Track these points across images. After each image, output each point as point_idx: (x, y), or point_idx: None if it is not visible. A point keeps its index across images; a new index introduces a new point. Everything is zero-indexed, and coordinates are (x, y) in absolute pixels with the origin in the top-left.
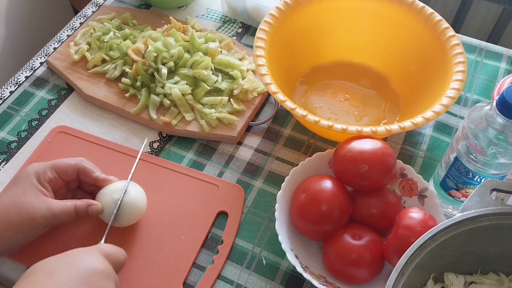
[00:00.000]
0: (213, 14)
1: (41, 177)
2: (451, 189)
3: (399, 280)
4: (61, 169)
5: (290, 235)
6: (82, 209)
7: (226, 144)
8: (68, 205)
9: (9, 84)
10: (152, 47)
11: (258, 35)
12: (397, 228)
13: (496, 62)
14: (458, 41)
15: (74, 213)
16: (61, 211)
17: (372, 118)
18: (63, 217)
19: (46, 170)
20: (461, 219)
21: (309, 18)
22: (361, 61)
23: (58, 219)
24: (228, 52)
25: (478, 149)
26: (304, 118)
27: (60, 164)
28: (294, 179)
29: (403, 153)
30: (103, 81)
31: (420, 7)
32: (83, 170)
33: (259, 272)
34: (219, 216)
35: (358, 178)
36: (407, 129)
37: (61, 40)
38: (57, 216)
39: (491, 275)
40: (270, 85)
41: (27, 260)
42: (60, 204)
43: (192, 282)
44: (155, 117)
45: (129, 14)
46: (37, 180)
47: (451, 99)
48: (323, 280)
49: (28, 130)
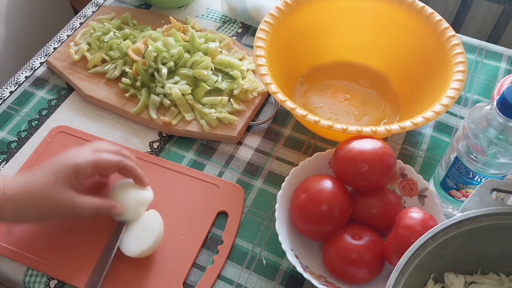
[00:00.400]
0: (213, 14)
1: (79, 174)
2: (451, 189)
3: (399, 280)
4: (103, 167)
5: (290, 235)
6: (104, 210)
7: (226, 144)
8: (92, 204)
9: (9, 84)
10: (152, 47)
11: (258, 35)
12: (397, 228)
13: (496, 62)
14: (458, 41)
15: (96, 212)
16: (84, 209)
17: (372, 118)
18: (84, 213)
19: (88, 166)
20: (461, 219)
21: (309, 18)
22: (361, 61)
23: (78, 214)
24: (228, 52)
25: (479, 149)
26: (304, 118)
27: (102, 162)
28: (294, 179)
29: (403, 153)
30: (103, 81)
31: (420, 7)
32: (124, 168)
33: (259, 272)
34: (219, 216)
35: (358, 178)
36: (407, 129)
37: (61, 40)
38: (78, 212)
39: (491, 275)
40: (270, 85)
41: (27, 260)
42: (83, 202)
43: (192, 282)
44: (155, 117)
45: (129, 14)
46: (74, 176)
47: (451, 99)
48: (323, 280)
49: (28, 130)
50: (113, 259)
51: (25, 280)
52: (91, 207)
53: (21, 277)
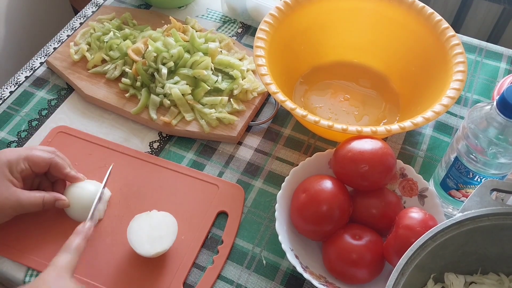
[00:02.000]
0: (213, 14)
1: (13, 168)
2: (451, 189)
3: (399, 280)
4: (34, 162)
5: (290, 235)
6: (50, 203)
7: (226, 144)
8: (37, 197)
9: (9, 84)
10: (152, 47)
11: (258, 35)
12: (397, 228)
13: (496, 62)
14: (458, 41)
15: (42, 205)
16: (30, 203)
17: (372, 118)
18: (31, 208)
19: (19, 161)
20: (461, 219)
21: (309, 18)
22: (361, 61)
23: (26, 210)
24: (228, 52)
25: (478, 149)
26: (304, 118)
27: (33, 157)
28: (294, 179)
29: (403, 153)
30: (103, 81)
31: (420, 7)
32: (55, 165)
33: (259, 272)
34: (219, 216)
35: (358, 178)
36: (407, 129)
37: (61, 40)
38: (25, 207)
39: (491, 275)
40: (270, 85)
41: (27, 260)
42: (29, 196)
43: (192, 282)
44: (155, 117)
45: (129, 14)
46: (9, 170)
47: (451, 99)
48: (323, 280)
49: (28, 130)
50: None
51: (25, 280)
52: (37, 200)
53: (21, 277)
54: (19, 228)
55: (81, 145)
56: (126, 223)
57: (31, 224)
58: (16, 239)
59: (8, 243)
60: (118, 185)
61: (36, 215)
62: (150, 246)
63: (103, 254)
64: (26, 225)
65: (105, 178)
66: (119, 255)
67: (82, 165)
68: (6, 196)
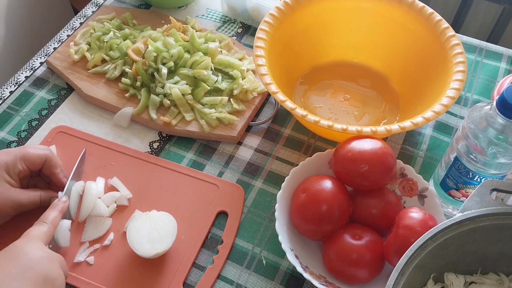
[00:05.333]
0: (213, 14)
1: (10, 170)
2: (451, 189)
3: (399, 280)
4: (30, 160)
5: (290, 235)
6: (46, 200)
7: (226, 144)
8: (35, 196)
9: (9, 84)
10: (152, 47)
11: (258, 35)
12: (397, 228)
13: (496, 62)
14: (458, 41)
15: (39, 202)
16: (29, 202)
17: (372, 118)
18: (30, 206)
19: (16, 162)
20: (461, 219)
21: (309, 18)
22: (361, 61)
23: (25, 208)
24: (228, 52)
25: (478, 149)
26: (304, 118)
27: (29, 155)
28: (294, 179)
29: (403, 153)
30: (103, 81)
31: (420, 7)
32: (49, 161)
33: (259, 272)
34: (219, 216)
35: (358, 178)
36: (407, 129)
37: (61, 40)
38: (24, 206)
39: (491, 275)
40: (270, 85)
41: None
42: (28, 195)
43: (192, 282)
44: (155, 117)
45: (129, 14)
46: (6, 172)
47: (451, 99)
48: (323, 280)
49: (28, 130)
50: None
51: None
52: (35, 198)
53: None
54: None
55: (81, 145)
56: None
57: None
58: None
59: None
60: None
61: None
62: (150, 246)
63: (103, 254)
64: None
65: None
66: (119, 255)
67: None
68: (6, 197)
